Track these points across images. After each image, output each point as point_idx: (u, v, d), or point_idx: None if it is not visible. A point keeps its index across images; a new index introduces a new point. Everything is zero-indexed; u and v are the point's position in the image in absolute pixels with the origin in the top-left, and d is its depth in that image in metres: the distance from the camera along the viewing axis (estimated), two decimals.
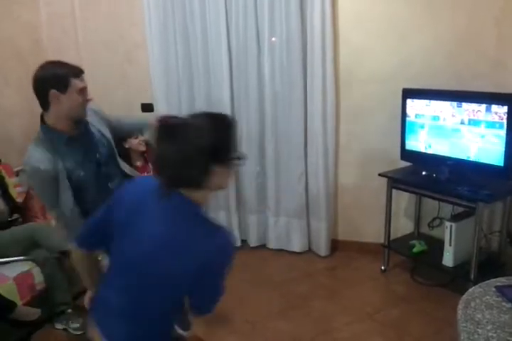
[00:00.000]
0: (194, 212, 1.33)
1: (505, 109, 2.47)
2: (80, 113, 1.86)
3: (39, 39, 3.74)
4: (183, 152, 1.23)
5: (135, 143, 3.23)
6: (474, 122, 2.63)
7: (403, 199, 3.31)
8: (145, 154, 3.32)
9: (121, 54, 3.65)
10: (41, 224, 2.91)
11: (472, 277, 2.62)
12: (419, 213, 3.27)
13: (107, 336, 1.37)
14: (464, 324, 1.38)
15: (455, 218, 2.84)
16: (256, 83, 3.33)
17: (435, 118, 2.83)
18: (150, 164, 3.29)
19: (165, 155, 1.27)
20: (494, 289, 1.56)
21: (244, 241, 3.70)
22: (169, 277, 1.28)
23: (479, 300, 1.51)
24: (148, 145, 3.21)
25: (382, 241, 3.19)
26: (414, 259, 3.18)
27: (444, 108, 2.77)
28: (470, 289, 1.61)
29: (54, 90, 1.76)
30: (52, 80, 1.77)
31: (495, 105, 2.52)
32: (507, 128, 2.47)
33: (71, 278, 2.61)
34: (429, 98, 2.85)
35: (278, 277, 3.23)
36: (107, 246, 1.41)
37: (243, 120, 3.43)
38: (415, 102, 2.92)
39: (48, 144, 1.82)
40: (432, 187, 2.79)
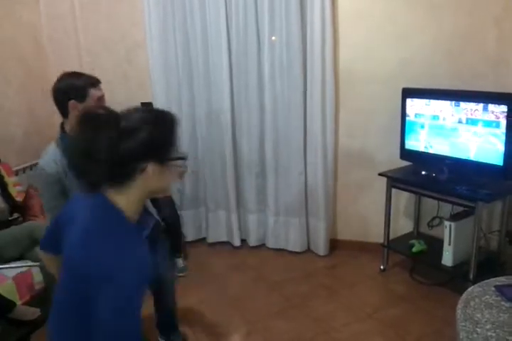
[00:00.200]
0: (112, 219, 1.17)
1: (502, 108, 2.47)
2: None
3: (39, 39, 3.74)
4: (92, 141, 1.09)
5: None
6: (473, 121, 2.63)
7: (403, 198, 3.32)
8: None
9: (121, 54, 3.64)
10: (41, 223, 2.91)
11: (471, 276, 2.63)
12: (418, 212, 3.27)
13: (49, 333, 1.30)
14: (463, 323, 1.38)
15: (454, 217, 2.84)
16: (256, 83, 3.33)
17: (435, 117, 2.83)
18: None
19: (73, 143, 1.14)
20: (493, 288, 1.57)
21: (243, 240, 3.70)
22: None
23: (478, 299, 1.51)
24: None
25: (381, 240, 3.20)
26: (413, 259, 3.18)
27: (444, 107, 2.77)
28: (469, 288, 1.61)
29: (73, 101, 1.87)
30: (71, 91, 1.88)
31: (492, 104, 2.52)
32: (506, 128, 2.47)
33: None
34: (428, 97, 2.85)
35: (277, 276, 3.23)
36: None
37: (243, 119, 3.43)
38: (415, 102, 2.92)
39: (62, 149, 1.89)
40: (432, 186, 2.79)
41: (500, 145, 2.52)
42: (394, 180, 3.01)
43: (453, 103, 2.72)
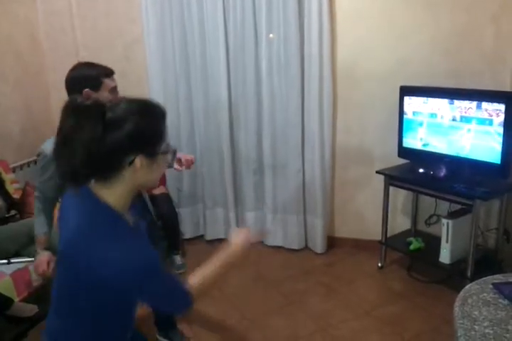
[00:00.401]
0: (101, 214, 1.15)
1: (495, 106, 2.49)
2: None
3: (36, 36, 3.72)
4: (74, 130, 1.06)
5: None
6: (469, 119, 2.63)
7: (400, 196, 3.32)
8: None
9: (119, 50, 3.63)
10: None
11: (469, 274, 2.64)
12: (416, 210, 3.27)
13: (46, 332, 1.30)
14: (461, 321, 1.38)
15: (452, 215, 2.84)
16: (253, 78, 3.32)
17: (432, 115, 2.83)
18: None
19: (60, 132, 1.10)
20: (491, 286, 1.57)
21: None
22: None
23: (476, 297, 1.51)
24: None
25: (379, 238, 3.20)
26: (411, 256, 3.19)
27: (441, 105, 2.77)
28: (467, 286, 1.61)
29: (88, 89, 1.86)
30: (85, 81, 1.88)
31: (486, 102, 2.53)
32: (504, 126, 2.48)
33: None
34: (426, 95, 2.85)
35: (275, 274, 3.24)
36: None
37: (240, 115, 3.42)
38: (413, 100, 2.92)
39: None
40: (429, 184, 2.79)
41: (496, 143, 2.52)
42: (391, 178, 3.01)
43: (451, 101, 2.72)
